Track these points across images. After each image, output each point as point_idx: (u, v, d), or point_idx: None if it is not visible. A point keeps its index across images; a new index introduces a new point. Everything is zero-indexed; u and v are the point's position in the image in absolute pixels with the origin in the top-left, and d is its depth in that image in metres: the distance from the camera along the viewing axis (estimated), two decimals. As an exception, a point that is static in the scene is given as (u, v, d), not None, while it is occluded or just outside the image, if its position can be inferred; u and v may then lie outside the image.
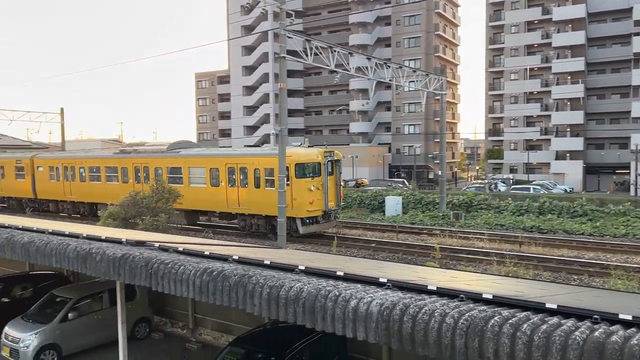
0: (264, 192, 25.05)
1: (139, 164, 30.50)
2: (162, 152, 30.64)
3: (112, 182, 32.06)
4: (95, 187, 32.87)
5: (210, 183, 27.25)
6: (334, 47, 24.80)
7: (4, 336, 12.52)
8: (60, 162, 35.09)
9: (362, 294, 6.04)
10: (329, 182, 25.17)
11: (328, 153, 25.48)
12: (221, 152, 30.55)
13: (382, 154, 68.29)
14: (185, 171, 28.46)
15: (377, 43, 71.98)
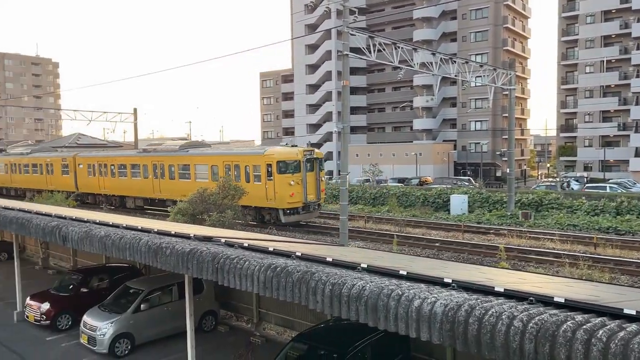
0: (252, 186, 27.15)
1: (157, 162, 33.76)
2: (175, 151, 33.72)
3: (136, 177, 35.46)
4: (122, 182, 36.41)
5: (211, 178, 29.49)
6: (397, 43, 24.51)
7: (83, 324, 13.31)
8: (96, 160, 39.02)
9: (426, 293, 5.93)
10: (309, 178, 27.55)
11: (308, 152, 28.23)
12: (219, 152, 33.12)
13: (447, 151, 66.83)
14: (192, 168, 31.39)
15: (442, 38, 70.48)
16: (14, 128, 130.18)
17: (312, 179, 27.99)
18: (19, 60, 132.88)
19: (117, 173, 36.96)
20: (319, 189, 28.42)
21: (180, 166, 32.14)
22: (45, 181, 43.16)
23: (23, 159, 46.52)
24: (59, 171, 42.23)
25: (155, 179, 33.71)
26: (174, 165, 32.57)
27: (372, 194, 40.21)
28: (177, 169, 32.23)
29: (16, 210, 15.76)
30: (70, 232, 12.01)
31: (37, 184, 43.83)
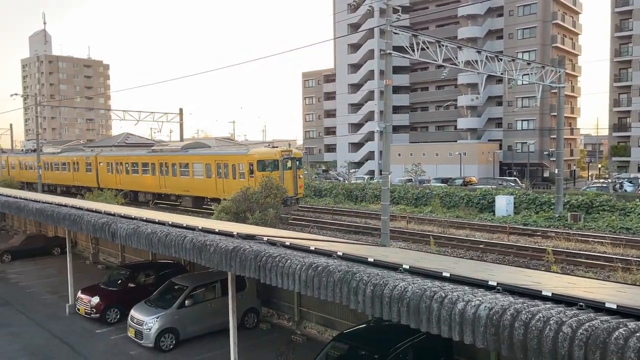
0: (238, 182, 30.16)
1: (162, 161, 37.38)
2: (177, 151, 37.43)
3: (146, 174, 38.95)
4: (135, 178, 40.09)
5: (206, 175, 33.38)
6: (441, 41, 24.13)
7: (130, 318, 13.72)
8: (113, 159, 42.88)
9: (470, 296, 5.81)
10: (287, 175, 30.69)
11: (286, 152, 31.45)
12: (212, 152, 35.69)
13: (492, 150, 65.35)
14: (191, 166, 34.93)
15: (487, 35, 68.99)
16: (67, 128, 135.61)
17: (289, 176, 30.94)
18: (72, 62, 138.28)
19: (130, 170, 40.65)
20: (296, 185, 31.21)
21: (181, 165, 35.69)
22: (72, 178, 47.05)
23: (54, 158, 50.81)
24: (84, 169, 45.90)
25: (161, 176, 37.28)
26: (176, 163, 36.11)
27: (414, 194, 39.77)
28: (179, 167, 35.84)
29: (69, 207, 16.40)
30: (119, 228, 12.40)
31: (65, 180, 47.89)
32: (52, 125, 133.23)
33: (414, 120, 78.23)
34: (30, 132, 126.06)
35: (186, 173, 35.27)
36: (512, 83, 30.80)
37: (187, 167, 35.20)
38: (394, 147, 51.95)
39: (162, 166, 37.38)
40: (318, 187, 47.60)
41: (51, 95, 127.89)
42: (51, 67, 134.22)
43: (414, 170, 48.81)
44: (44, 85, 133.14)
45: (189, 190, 34.64)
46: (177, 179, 35.89)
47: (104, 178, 43.24)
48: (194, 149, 37.02)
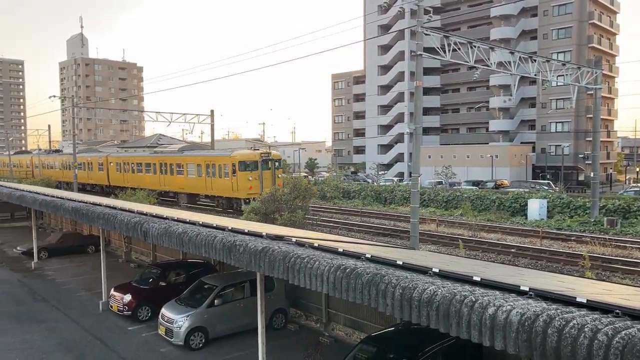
0: (224, 181, 34.34)
1: (162, 161, 41.54)
2: (174, 152, 41.74)
3: (148, 173, 43.17)
4: (139, 177, 43.98)
5: (197, 174, 37.06)
6: (473, 42, 23.82)
7: (161, 316, 13.94)
8: (122, 159, 47.16)
9: (501, 301, 5.71)
10: (265, 175, 33.90)
11: (265, 154, 34.71)
12: (202, 153, 39.43)
13: (525, 153, 64.10)
14: (185, 167, 38.80)
15: (521, 36, 67.75)
16: (102, 129, 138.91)
17: (268, 175, 34.22)
18: (107, 65, 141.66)
19: (135, 170, 44.80)
20: (274, 183, 33.80)
21: (177, 165, 39.72)
22: (87, 176, 51.49)
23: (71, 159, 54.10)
24: (97, 168, 50.66)
25: (161, 175, 41.50)
26: (173, 164, 40.19)
27: (444, 197, 39.33)
28: (175, 167, 39.86)
29: (103, 206, 16.78)
30: (151, 228, 12.62)
31: (81, 178, 51.53)
32: (88, 126, 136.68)
33: (445, 122, 77.38)
34: (67, 132, 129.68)
35: (182, 172, 39.28)
36: (547, 84, 30.18)
37: (182, 167, 39.19)
38: (424, 149, 51.52)
39: (162, 166, 41.42)
40: (347, 189, 47.54)
41: (87, 97, 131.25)
42: (87, 70, 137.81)
43: (444, 173, 48.29)
44: (81, 87, 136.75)
45: (184, 188, 38.69)
46: (174, 178, 39.90)
47: (114, 177, 47.45)
48: (189, 151, 41.12)
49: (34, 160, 64.71)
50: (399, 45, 75.84)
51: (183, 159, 39.36)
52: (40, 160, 62.74)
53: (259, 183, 33.31)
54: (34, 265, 23.17)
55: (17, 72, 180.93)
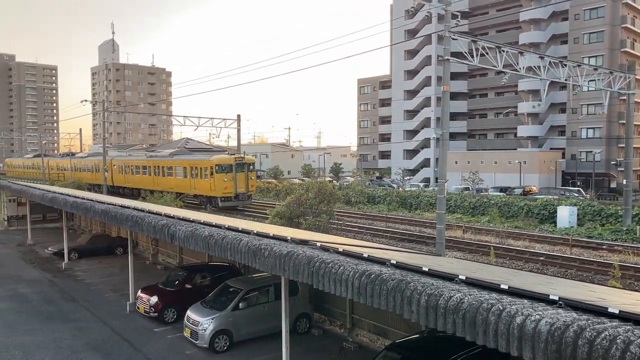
0: (204, 182, 39.06)
1: (155, 164, 46.42)
2: (165, 157, 46.68)
3: (145, 175, 47.59)
4: (137, 178, 48.80)
5: (183, 176, 41.89)
6: (502, 46, 23.51)
7: (186, 318, 14.08)
8: (123, 162, 52.21)
9: (530, 310, 5.59)
10: (239, 176, 38.48)
11: (239, 158, 39.60)
12: (187, 158, 43.65)
13: (555, 159, 62.89)
14: (174, 169, 43.58)
15: (551, 40, 66.65)
16: (131, 132, 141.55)
17: (242, 177, 38.70)
18: (137, 70, 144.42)
19: (134, 172, 49.52)
20: (247, 184, 39.04)
21: (168, 168, 44.75)
22: (94, 177, 55.99)
23: (81, 161, 61.90)
24: (101, 170, 53.56)
25: (155, 176, 46.27)
26: (164, 167, 45.19)
27: (471, 203, 38.83)
28: (166, 169, 44.78)
29: (131, 209, 17.06)
30: (178, 230, 12.77)
31: (90, 179, 57.04)
32: (118, 129, 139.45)
33: (472, 127, 76.51)
34: (98, 136, 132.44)
35: (171, 174, 44.25)
36: (577, 89, 29.60)
37: (172, 170, 44.20)
38: (450, 154, 50.97)
39: (156, 169, 46.39)
40: (371, 194, 47.34)
41: (117, 102, 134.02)
42: (118, 75, 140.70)
43: (471, 179, 47.71)
44: (111, 92, 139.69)
45: (173, 188, 42.76)
46: (165, 179, 44.79)
47: (116, 178, 52.31)
48: (177, 156, 45.87)
49: (50, 163, 71.41)
50: (425, 50, 75.40)
51: (172, 163, 44.50)
52: (56, 163, 70.28)
53: (233, 184, 38.35)
54: (64, 265, 23.69)
55: (50, 77, 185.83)
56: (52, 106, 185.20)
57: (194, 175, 40.62)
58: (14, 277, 21.99)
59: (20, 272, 22.85)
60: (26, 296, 18.91)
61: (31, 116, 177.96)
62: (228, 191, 38.00)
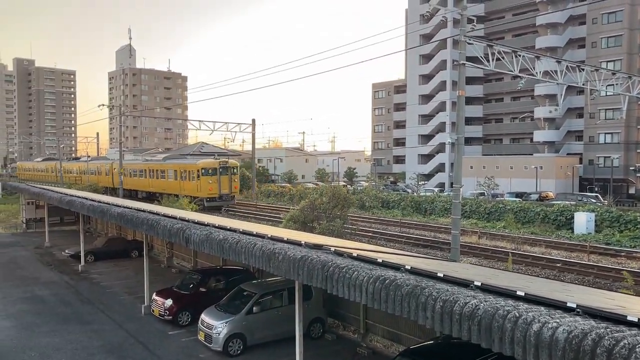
0: (191, 184, 43.79)
1: (150, 168, 51.19)
2: (159, 161, 52.34)
3: (141, 178, 51.81)
4: (135, 180, 53.10)
5: (174, 178, 46.28)
6: (518, 51, 23.32)
7: (200, 322, 14.13)
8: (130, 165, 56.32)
9: (547, 317, 5.51)
10: (223, 179, 43.23)
11: (223, 162, 44.14)
12: (177, 162, 49.46)
13: (572, 165, 62.15)
14: (166, 172, 48.07)
15: (568, 45, 66.00)
16: (147, 137, 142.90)
17: (226, 179, 43.37)
18: (153, 75, 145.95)
19: (132, 175, 53.81)
20: (231, 186, 43.69)
21: (161, 171, 49.08)
22: (97, 180, 60.56)
23: (85, 165, 68.17)
24: (104, 173, 60.59)
25: (150, 179, 50.56)
26: (158, 170, 49.53)
27: (486, 209, 38.52)
28: (159, 173, 49.09)
29: (147, 212, 17.20)
30: (193, 234, 12.84)
31: (93, 181, 60.95)
32: (134, 134, 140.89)
33: (488, 132, 75.98)
34: (114, 140, 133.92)
35: (164, 177, 48.46)
36: (595, 94, 29.23)
37: (164, 173, 48.39)
38: (466, 159, 50.68)
39: (150, 172, 50.73)
40: (386, 199, 47.19)
41: (134, 106, 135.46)
42: (134, 80, 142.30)
43: (487, 184, 47.32)
44: (128, 96, 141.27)
45: (165, 189, 46.75)
46: (158, 181, 48.91)
47: (117, 180, 54.95)
48: (169, 160, 51.23)
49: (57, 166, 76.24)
50: (441, 55, 75.13)
51: (164, 166, 49.20)
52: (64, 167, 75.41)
53: (217, 185, 42.81)
54: (81, 268, 23.94)
55: (69, 82, 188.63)
56: (70, 110, 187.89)
57: (183, 177, 45.01)
58: (31, 279, 22.28)
59: (37, 274, 23.15)
60: (43, 298, 19.14)
61: (50, 120, 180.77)
62: (213, 192, 42.46)
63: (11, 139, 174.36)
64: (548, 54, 55.99)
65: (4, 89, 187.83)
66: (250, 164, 66.56)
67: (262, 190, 60.90)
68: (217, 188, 42.44)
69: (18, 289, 20.46)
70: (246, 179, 64.93)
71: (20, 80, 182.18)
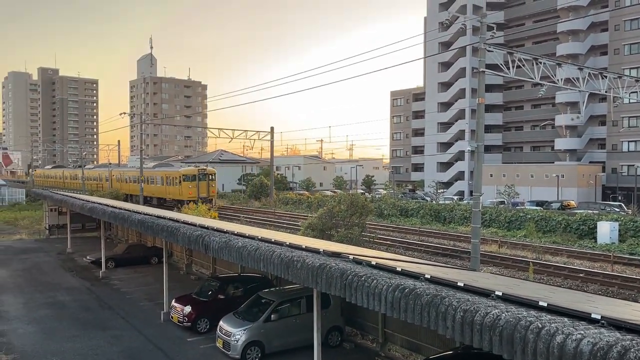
0: (174, 188, 50.23)
1: (167, 174, 55.08)
2: (150, 168, 59.55)
3: (135, 183, 55.83)
4: (130, 185, 59.18)
5: (162, 184, 53.25)
6: (539, 58, 23.10)
7: (219, 329, 14.16)
8: (119, 173, 64.30)
9: (570, 329, 5.41)
10: (202, 184, 49.28)
11: (202, 170, 50.25)
12: (163, 170, 56.74)
13: (594, 173, 61.13)
14: (155, 179, 54.96)
15: (590, 52, 65.17)
16: (167, 144, 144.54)
17: (204, 184, 49.38)
18: (174, 83, 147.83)
19: (127, 181, 60.63)
20: (208, 190, 49.67)
21: (151, 177, 55.64)
22: (97, 186, 67.86)
23: (88, 172, 75.87)
24: (104, 179, 68.14)
25: (161, 186, 55.52)
26: (148, 177, 55.44)
27: (506, 217, 38.06)
28: (150, 179, 55.35)
29: (167, 219, 17.35)
30: (212, 241, 12.91)
31: (93, 187, 68.62)
32: (155, 141, 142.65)
33: (508, 140, 75.23)
34: (135, 148, 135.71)
35: (153, 182, 54.90)
36: (618, 101, 28.78)
37: (154, 179, 54.97)
38: (485, 167, 50.18)
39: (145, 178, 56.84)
40: (404, 207, 46.94)
41: (154, 114, 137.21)
42: (155, 88, 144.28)
43: (507, 192, 46.79)
44: (149, 104, 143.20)
45: (154, 193, 53.77)
46: (149, 186, 54.61)
47: (115, 185, 63.18)
48: (158, 167, 58.62)
49: (65, 173, 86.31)
50: (460, 62, 74.74)
51: (154, 173, 56.25)
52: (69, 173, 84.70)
53: (196, 190, 48.56)
54: (102, 274, 24.23)
55: (91, 91, 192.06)
56: (92, 118, 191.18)
57: (168, 183, 51.66)
58: (53, 284, 22.61)
59: (59, 280, 23.49)
60: (65, 303, 19.40)
61: (72, 128, 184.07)
62: (192, 196, 47.60)
63: (35, 146, 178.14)
64: (569, 61, 55.36)
65: (29, 98, 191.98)
66: (268, 172, 66.85)
67: (280, 198, 61.08)
68: (196, 192, 48.34)
69: (41, 294, 20.78)
70: (264, 186, 65.24)
71: (45, 89, 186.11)
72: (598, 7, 64.35)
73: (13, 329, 16.26)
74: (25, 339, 15.34)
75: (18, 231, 41.09)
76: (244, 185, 76.00)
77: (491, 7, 72.72)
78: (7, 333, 15.78)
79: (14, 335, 15.64)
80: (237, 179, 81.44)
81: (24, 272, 25.41)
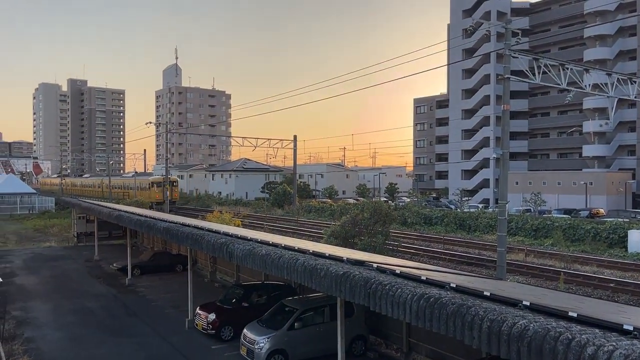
0: (146, 192, 65.67)
1: (125, 183, 74.74)
2: (130, 177, 78.81)
3: (122, 189, 73.35)
4: (129, 193, 71.93)
5: (138, 189, 69.44)
6: (565, 64, 22.75)
7: (243, 337, 14.18)
8: (114, 181, 77.65)
9: (602, 340, 5.27)
10: (167, 189, 56.40)
11: (166, 179, 57.15)
12: (139, 178, 71.57)
13: (624, 180, 59.74)
14: (135, 185, 70.52)
15: (618, 57, 63.94)
16: (192, 153, 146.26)
17: (169, 189, 57.37)
18: (198, 93, 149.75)
19: (114, 187, 75.12)
20: (172, 194, 61.18)
21: (130, 184, 71.22)
22: (94, 192, 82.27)
23: (85, 180, 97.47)
24: (103, 187, 79.98)
25: (124, 190, 73.96)
26: (129, 184, 71.50)
27: (533, 225, 37.40)
28: (129, 185, 70.70)
29: (191, 227, 17.52)
30: (236, 249, 12.98)
31: (91, 193, 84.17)
32: (179, 150, 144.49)
33: (534, 147, 74.11)
34: (160, 156, 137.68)
35: (132, 188, 70.63)
36: (648, 107, 28.09)
37: (146, 185, 67.53)
38: (511, 174, 49.47)
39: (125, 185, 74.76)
40: (428, 215, 46.53)
41: (179, 123, 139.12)
42: (180, 98, 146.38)
43: (533, 200, 46.04)
44: (174, 114, 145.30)
45: (132, 197, 65.60)
46: (129, 192, 69.63)
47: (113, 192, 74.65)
48: (138, 177, 74.68)
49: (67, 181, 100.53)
50: (484, 69, 74.10)
51: (130, 181, 73.38)
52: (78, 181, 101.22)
53: (162, 194, 58.15)
54: (128, 281, 24.55)
55: (118, 101, 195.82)
56: (119, 128, 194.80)
57: (142, 188, 68.49)
58: (81, 291, 23.00)
59: (87, 287, 23.89)
60: (92, 310, 19.71)
61: (100, 137, 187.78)
62: (159, 198, 60.75)
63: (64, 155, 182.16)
64: (597, 66, 54.38)
65: (58, 109, 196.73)
66: (291, 180, 67.07)
67: (303, 206, 61.17)
68: (162, 195, 59.02)
69: (69, 300, 21.15)
70: (287, 194, 65.46)
71: (74, 100, 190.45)
72: (626, 12, 63.13)
73: (42, 335, 16.57)
74: (53, 344, 15.61)
75: (48, 238, 41.96)
76: (267, 193, 76.41)
77: (516, 13, 72.01)
78: (36, 339, 16.08)
79: (42, 341, 15.93)
80: (260, 187, 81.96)
81: (53, 278, 25.91)
